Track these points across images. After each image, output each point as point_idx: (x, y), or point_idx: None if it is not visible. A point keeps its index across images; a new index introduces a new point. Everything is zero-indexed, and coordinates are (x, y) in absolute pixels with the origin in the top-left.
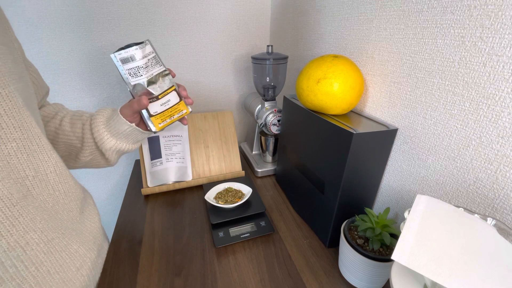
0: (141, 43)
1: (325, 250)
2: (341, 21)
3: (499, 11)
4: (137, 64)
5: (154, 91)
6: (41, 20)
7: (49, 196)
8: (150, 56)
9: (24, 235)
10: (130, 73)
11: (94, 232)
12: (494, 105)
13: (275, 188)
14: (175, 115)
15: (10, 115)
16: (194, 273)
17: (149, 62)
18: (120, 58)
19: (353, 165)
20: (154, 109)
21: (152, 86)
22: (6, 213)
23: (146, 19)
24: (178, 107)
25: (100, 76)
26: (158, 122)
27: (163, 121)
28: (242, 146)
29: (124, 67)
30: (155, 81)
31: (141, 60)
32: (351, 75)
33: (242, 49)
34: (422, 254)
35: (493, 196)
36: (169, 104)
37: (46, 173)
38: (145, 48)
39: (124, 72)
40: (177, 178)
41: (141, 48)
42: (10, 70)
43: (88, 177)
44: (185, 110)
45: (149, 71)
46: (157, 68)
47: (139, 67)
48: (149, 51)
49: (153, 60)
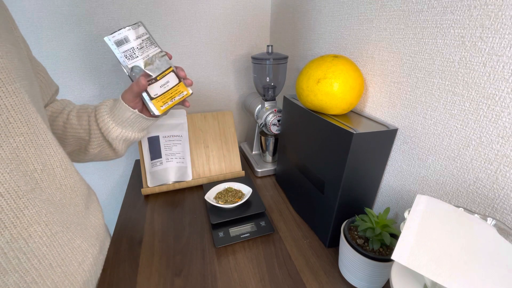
0: (134, 24)
1: (325, 250)
2: (341, 21)
3: (499, 11)
4: (132, 45)
5: (152, 72)
6: (41, 20)
7: (56, 190)
8: (144, 37)
9: (28, 227)
10: (126, 55)
11: (98, 228)
12: (494, 105)
13: (275, 188)
14: (176, 97)
15: (17, 110)
16: (194, 273)
17: (143, 43)
18: (114, 41)
19: (353, 165)
20: (154, 91)
21: (149, 67)
22: (11, 204)
23: (146, 19)
24: (178, 89)
25: (100, 76)
26: (160, 105)
27: (165, 103)
28: (242, 146)
29: (120, 49)
30: (151, 63)
31: (135, 41)
32: (351, 75)
33: (242, 49)
34: (422, 254)
35: (493, 196)
36: (168, 86)
37: (53, 167)
38: (138, 29)
39: (120, 55)
40: (177, 178)
41: (134, 29)
42: (17, 67)
43: (88, 177)
44: (186, 92)
45: (144, 52)
46: (152, 49)
47: (134, 48)
48: (142, 32)
49: (147, 41)
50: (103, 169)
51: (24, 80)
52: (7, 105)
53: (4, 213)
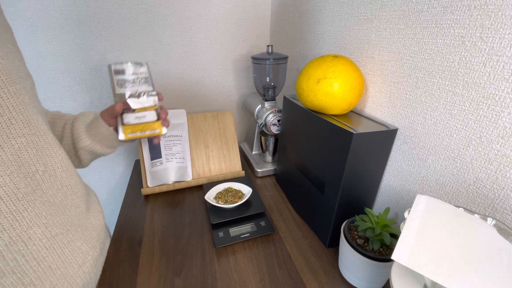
0: (138, 62)
1: (325, 250)
2: (341, 21)
3: (499, 11)
4: (126, 78)
5: (132, 104)
6: (41, 20)
7: (58, 191)
8: (141, 75)
9: (27, 230)
10: (117, 83)
11: (98, 229)
12: (494, 105)
13: (275, 188)
14: (147, 131)
15: (18, 111)
16: (194, 273)
17: (138, 79)
18: (114, 69)
19: (353, 165)
20: (127, 119)
21: (133, 99)
22: (10, 207)
23: (146, 19)
24: (153, 125)
25: (100, 76)
26: (128, 132)
27: (133, 132)
28: (242, 146)
29: (115, 77)
30: (137, 96)
31: (131, 75)
32: (351, 75)
33: (242, 49)
34: (422, 254)
35: (493, 196)
36: (143, 120)
37: (54, 168)
38: (139, 68)
39: (113, 81)
40: (177, 178)
41: (134, 66)
42: (17, 68)
43: (88, 176)
44: (159, 130)
45: (134, 87)
46: (144, 87)
47: (126, 80)
48: (142, 71)
49: (142, 79)
50: (103, 169)
51: (25, 80)
52: (8, 106)
53: (3, 215)
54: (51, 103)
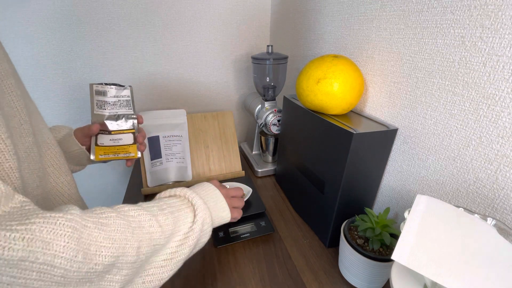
0: (121, 86)
1: (325, 250)
2: (341, 21)
3: (499, 11)
4: (106, 100)
5: (110, 125)
6: (41, 20)
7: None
8: (123, 98)
9: None
10: (97, 104)
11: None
12: (494, 105)
13: (275, 188)
14: (121, 154)
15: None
16: (194, 273)
17: (118, 102)
18: (95, 90)
19: (353, 165)
20: (101, 140)
21: (110, 121)
22: None
23: (146, 19)
24: (128, 149)
25: (100, 76)
26: (100, 153)
27: (106, 154)
28: (242, 146)
29: (95, 97)
30: (115, 119)
31: (111, 98)
32: (351, 75)
33: (242, 49)
34: (422, 254)
35: (493, 196)
36: (119, 142)
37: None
38: (121, 91)
39: (93, 102)
40: (177, 178)
41: (117, 88)
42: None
43: (88, 176)
44: (133, 154)
45: (114, 109)
46: (124, 110)
47: (106, 102)
48: (124, 94)
49: (124, 102)
50: (103, 169)
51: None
52: (18, 107)
53: None
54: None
